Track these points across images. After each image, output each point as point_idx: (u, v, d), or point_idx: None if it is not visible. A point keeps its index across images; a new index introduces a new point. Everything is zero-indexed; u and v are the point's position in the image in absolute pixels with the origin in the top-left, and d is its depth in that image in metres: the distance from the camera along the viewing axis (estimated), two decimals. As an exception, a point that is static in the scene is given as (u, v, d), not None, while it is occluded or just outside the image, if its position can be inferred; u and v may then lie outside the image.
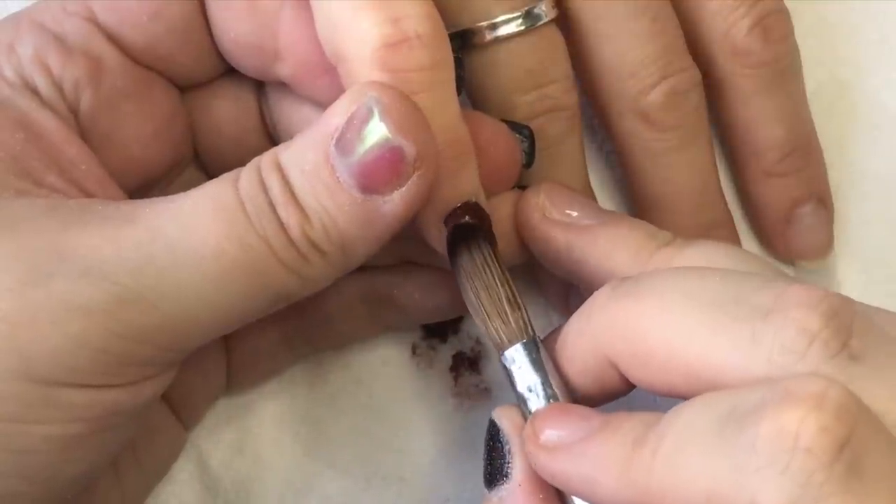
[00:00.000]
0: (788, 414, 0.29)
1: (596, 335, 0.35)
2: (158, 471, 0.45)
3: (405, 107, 0.34)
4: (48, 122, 0.38)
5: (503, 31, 0.42)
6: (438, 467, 0.47)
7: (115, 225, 0.35)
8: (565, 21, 0.45)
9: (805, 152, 0.47)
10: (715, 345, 0.32)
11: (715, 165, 0.47)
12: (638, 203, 0.47)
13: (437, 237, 0.38)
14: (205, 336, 0.36)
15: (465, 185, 0.38)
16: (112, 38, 0.40)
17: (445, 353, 0.48)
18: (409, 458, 0.47)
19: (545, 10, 0.43)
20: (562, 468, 0.34)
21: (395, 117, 0.34)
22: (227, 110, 0.43)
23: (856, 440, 0.28)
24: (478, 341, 0.48)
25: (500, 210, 0.41)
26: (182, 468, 0.46)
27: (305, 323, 0.46)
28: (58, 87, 0.39)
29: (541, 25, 0.43)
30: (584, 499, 0.34)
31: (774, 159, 0.47)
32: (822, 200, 0.48)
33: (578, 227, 0.40)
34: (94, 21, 0.40)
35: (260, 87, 0.43)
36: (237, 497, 0.46)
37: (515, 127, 0.42)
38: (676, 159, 0.45)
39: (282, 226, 0.35)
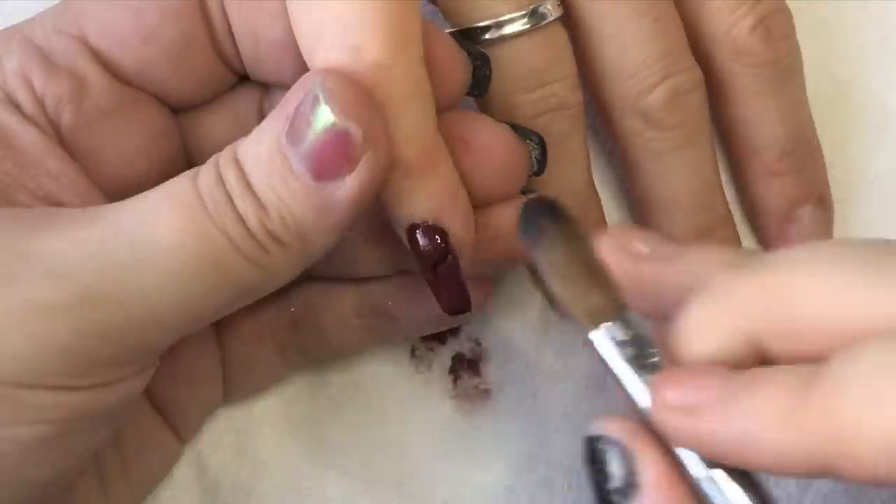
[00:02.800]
0: None
1: (731, 313, 0.32)
2: (148, 483, 0.45)
3: (349, 90, 0.34)
4: (28, 136, 0.38)
5: (508, 29, 0.42)
6: (438, 470, 0.47)
7: (82, 226, 0.35)
8: (567, 22, 0.45)
9: (805, 152, 0.47)
10: (876, 298, 0.30)
11: (716, 165, 0.47)
12: (639, 203, 0.47)
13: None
14: (172, 334, 0.36)
15: (430, 199, 0.38)
16: (101, 59, 0.40)
17: (444, 354, 0.48)
18: (409, 460, 0.47)
19: (550, 9, 0.43)
20: (710, 430, 0.31)
21: (339, 100, 0.34)
22: (224, 129, 0.43)
23: None
24: (477, 342, 0.48)
25: (504, 216, 0.40)
26: (181, 471, 0.46)
27: (300, 336, 0.45)
28: (39, 102, 0.39)
29: (546, 24, 0.43)
30: (740, 462, 0.31)
31: (775, 159, 0.47)
32: (823, 200, 0.48)
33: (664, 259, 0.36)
34: (83, 41, 0.39)
35: (261, 103, 0.43)
36: (236, 500, 0.46)
37: (524, 133, 0.41)
38: (678, 159, 0.45)
39: (240, 217, 0.35)
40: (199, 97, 0.42)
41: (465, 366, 0.48)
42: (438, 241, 0.38)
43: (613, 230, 0.40)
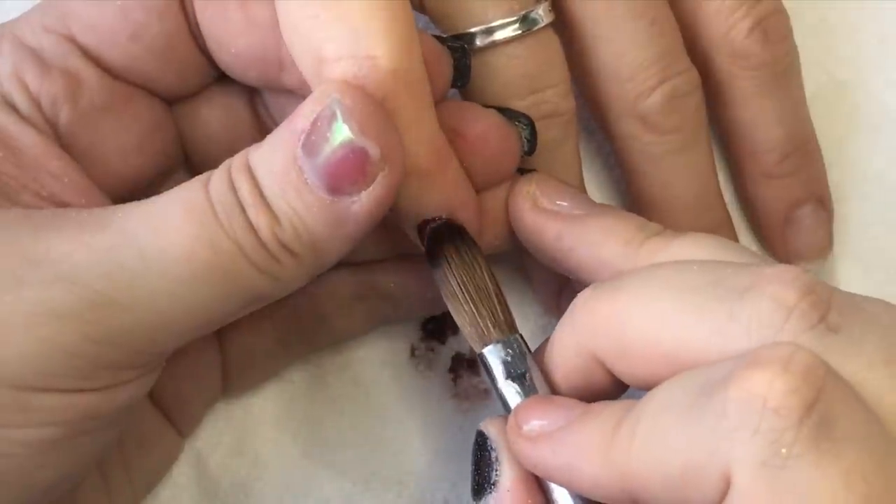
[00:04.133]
0: (756, 377, 0.29)
1: (579, 333, 0.36)
2: (149, 480, 0.45)
3: (368, 108, 0.34)
4: (27, 137, 0.39)
5: (499, 35, 0.42)
6: (437, 469, 0.47)
7: (89, 230, 0.35)
8: (562, 24, 0.45)
9: (804, 153, 0.47)
10: (693, 328, 0.32)
11: (714, 168, 0.47)
12: (637, 206, 0.47)
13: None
14: (180, 339, 0.36)
15: (443, 195, 0.38)
16: (91, 57, 0.40)
17: (444, 354, 0.48)
18: (408, 459, 0.47)
19: (542, 15, 0.42)
20: (543, 456, 0.34)
21: (357, 118, 0.34)
22: (218, 118, 0.43)
23: (824, 401, 0.29)
24: (477, 342, 0.48)
25: (500, 199, 0.41)
26: (180, 471, 0.46)
27: (300, 323, 0.46)
28: (35, 103, 0.39)
29: (538, 30, 0.42)
30: (566, 486, 0.35)
31: (774, 160, 0.47)
32: (822, 201, 0.48)
33: (569, 217, 0.40)
34: (72, 40, 0.40)
35: (252, 93, 0.43)
36: (236, 499, 0.46)
37: (513, 115, 0.41)
38: (676, 162, 0.45)
39: (251, 228, 0.35)
40: (187, 89, 0.42)
41: (465, 365, 0.48)
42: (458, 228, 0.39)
43: (533, 176, 0.41)
